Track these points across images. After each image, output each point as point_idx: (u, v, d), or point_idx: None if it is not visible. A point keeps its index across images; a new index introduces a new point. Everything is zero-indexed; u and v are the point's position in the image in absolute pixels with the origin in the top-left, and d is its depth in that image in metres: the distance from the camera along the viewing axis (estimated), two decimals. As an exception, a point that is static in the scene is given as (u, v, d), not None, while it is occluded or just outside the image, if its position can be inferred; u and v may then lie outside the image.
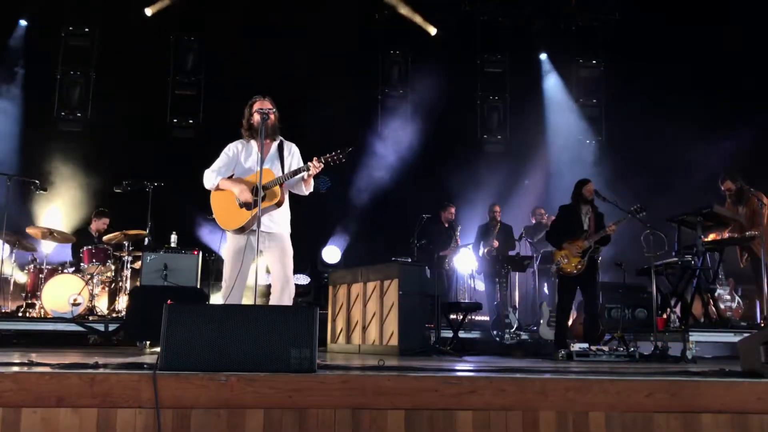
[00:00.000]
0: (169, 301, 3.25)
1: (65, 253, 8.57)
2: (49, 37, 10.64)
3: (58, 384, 2.97)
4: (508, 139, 11.74)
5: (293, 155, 4.97)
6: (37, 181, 7.98)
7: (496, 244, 9.15)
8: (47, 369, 3.15)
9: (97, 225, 8.73)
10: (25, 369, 3.17)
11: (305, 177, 4.72)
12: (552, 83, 11.95)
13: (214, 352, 3.23)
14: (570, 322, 7.46)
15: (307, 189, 4.84)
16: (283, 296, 4.77)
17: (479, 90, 11.87)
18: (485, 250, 9.20)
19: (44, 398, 2.94)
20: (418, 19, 11.52)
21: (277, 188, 4.70)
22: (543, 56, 12.07)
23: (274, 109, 4.84)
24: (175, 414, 3.00)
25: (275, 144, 4.92)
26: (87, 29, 10.75)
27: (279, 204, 4.75)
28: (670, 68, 10.35)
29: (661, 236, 6.98)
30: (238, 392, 3.06)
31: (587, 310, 7.09)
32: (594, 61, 11.80)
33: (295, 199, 5.03)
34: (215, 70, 10.92)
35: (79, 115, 10.61)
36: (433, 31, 11.59)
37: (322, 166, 4.65)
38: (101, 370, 3.14)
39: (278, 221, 4.84)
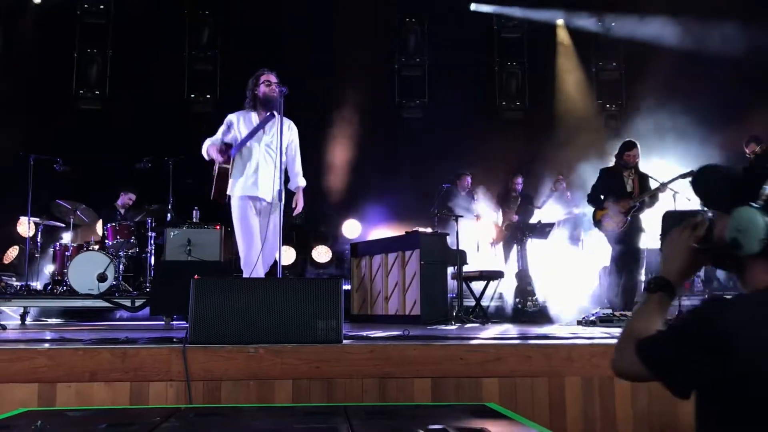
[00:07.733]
0: (196, 276, 3.29)
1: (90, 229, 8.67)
2: (64, 14, 10.63)
3: (91, 359, 3.03)
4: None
5: (291, 131, 5.20)
6: (59, 159, 8.03)
7: (515, 218, 9.23)
8: (80, 345, 3.22)
9: (124, 200, 8.81)
10: (59, 345, 3.24)
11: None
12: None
13: (241, 324, 3.27)
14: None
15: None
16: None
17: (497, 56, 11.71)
18: (504, 225, 9.29)
19: (78, 373, 3.01)
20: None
21: None
22: (560, 21, 11.84)
23: (278, 83, 5.09)
24: (205, 386, 3.06)
25: (273, 117, 5.08)
26: (102, 6, 10.73)
27: None
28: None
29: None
30: (267, 363, 3.10)
31: (627, 270, 6.83)
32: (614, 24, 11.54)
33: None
34: (231, 45, 10.87)
35: (97, 93, 10.63)
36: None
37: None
38: (132, 345, 3.20)
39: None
